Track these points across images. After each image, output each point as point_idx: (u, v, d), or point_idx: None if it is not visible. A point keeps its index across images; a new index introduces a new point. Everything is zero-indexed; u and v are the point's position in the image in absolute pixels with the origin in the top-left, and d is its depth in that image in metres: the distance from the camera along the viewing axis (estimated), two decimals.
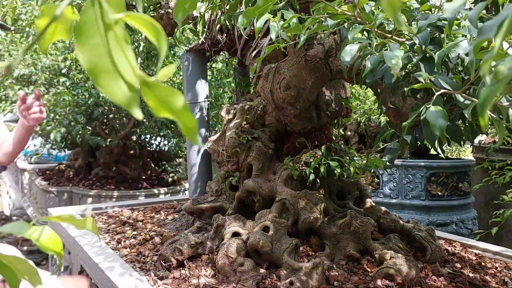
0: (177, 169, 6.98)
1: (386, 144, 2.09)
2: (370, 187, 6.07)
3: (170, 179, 6.43)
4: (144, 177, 6.72)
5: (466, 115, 1.10)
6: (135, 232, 3.38)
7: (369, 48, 1.24)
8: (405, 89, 1.35)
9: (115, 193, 5.85)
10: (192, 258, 2.64)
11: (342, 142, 6.05)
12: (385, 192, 5.91)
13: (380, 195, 5.88)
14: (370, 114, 5.77)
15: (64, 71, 5.56)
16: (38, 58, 5.95)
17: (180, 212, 3.98)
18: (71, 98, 5.28)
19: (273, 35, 1.46)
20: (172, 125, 6.52)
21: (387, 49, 1.22)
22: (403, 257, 2.39)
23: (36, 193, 6.93)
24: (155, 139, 6.76)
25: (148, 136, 6.66)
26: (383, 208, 3.00)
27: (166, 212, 3.94)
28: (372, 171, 5.18)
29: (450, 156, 8.56)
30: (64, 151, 7.20)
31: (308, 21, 1.24)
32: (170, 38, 4.91)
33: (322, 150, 2.74)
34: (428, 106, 1.22)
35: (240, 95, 3.76)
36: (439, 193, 5.78)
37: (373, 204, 3.03)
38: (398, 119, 2.57)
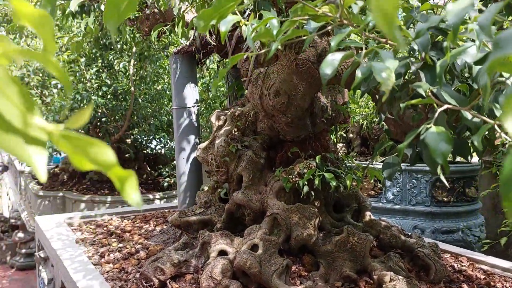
0: (173, 173, 6.79)
1: (385, 158, 1.89)
2: (372, 191, 5.86)
3: (165, 184, 6.25)
4: (139, 181, 6.55)
5: (475, 143, 0.89)
6: (120, 245, 3.20)
7: (355, 58, 1.04)
8: (401, 105, 1.14)
9: (109, 199, 5.68)
10: (176, 278, 2.45)
11: (344, 144, 5.76)
12: (388, 198, 5.69)
13: (382, 201, 5.66)
14: (372, 118, 5.54)
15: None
16: (31, 60, 5.78)
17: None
18: (66, 103, 5.11)
19: (249, 42, 1.26)
20: (168, 128, 6.34)
21: (378, 58, 1.02)
22: (404, 279, 2.18)
23: (30, 197, 6.79)
24: (151, 142, 6.59)
25: (144, 138, 6.48)
26: (383, 222, 2.79)
27: (155, 222, 3.75)
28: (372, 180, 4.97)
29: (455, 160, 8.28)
30: (60, 153, 7.05)
31: (285, 24, 1.04)
32: (163, 37, 4.71)
33: (317, 161, 2.53)
34: (428, 126, 1.01)
35: (233, 99, 3.56)
36: (445, 199, 5.55)
37: (373, 217, 2.82)
38: (398, 128, 2.36)
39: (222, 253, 2.41)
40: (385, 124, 2.49)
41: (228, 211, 2.83)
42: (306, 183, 2.52)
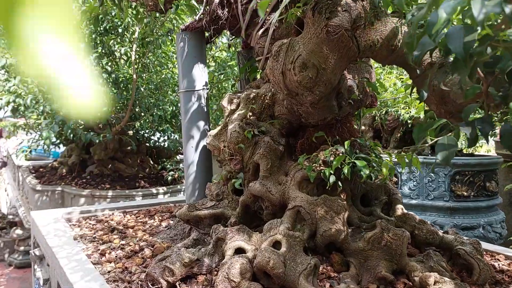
0: (177, 167, 6.51)
1: (438, 138, 1.59)
2: None
3: (169, 178, 5.95)
4: (141, 175, 6.25)
5: None
6: (123, 242, 2.91)
7: None
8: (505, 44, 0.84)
9: (110, 193, 5.39)
10: (186, 279, 2.16)
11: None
12: (404, 192, 5.39)
13: None
14: (391, 106, 5.20)
15: None
16: None
17: (176, 217, 3.51)
18: None
19: None
20: (172, 120, 6.03)
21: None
22: (451, 282, 1.89)
23: (27, 191, 6.50)
24: (154, 135, 6.29)
25: (146, 131, 6.17)
26: (418, 216, 2.49)
27: (160, 218, 3.46)
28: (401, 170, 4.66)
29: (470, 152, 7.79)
30: (59, 147, 6.74)
31: None
32: (165, 18, 4.40)
33: (346, 147, 2.23)
34: None
35: (245, 83, 3.26)
36: (465, 193, 5.25)
37: (405, 211, 2.52)
38: (443, 106, 2.06)
39: (239, 251, 2.11)
40: (426, 104, 2.19)
41: (243, 204, 2.53)
42: (332, 172, 2.23)
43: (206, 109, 2.99)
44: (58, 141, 6.17)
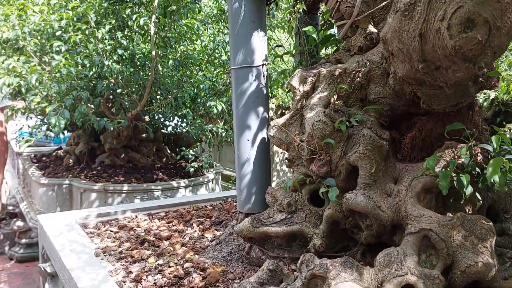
0: (199, 156, 5.84)
1: None
2: None
3: (192, 169, 5.29)
4: (158, 165, 5.59)
5: None
6: (160, 261, 2.27)
7: None
8: None
9: (125, 187, 4.74)
10: None
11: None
12: None
13: None
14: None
15: (58, 33, 4.38)
16: (27, 18, 4.74)
17: (220, 224, 2.87)
18: (76, 70, 4.04)
19: None
20: (192, 104, 5.34)
21: None
22: None
23: (30, 184, 5.84)
24: (172, 120, 5.60)
25: (169, 114, 5.40)
26: None
27: (200, 226, 2.81)
28: None
29: None
30: (63, 133, 6.06)
31: None
32: None
33: (495, 145, 1.57)
34: None
35: (308, 56, 2.57)
36: None
37: None
38: None
39: None
40: None
41: (330, 220, 1.88)
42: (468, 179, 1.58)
43: (266, 90, 2.31)
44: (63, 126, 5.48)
